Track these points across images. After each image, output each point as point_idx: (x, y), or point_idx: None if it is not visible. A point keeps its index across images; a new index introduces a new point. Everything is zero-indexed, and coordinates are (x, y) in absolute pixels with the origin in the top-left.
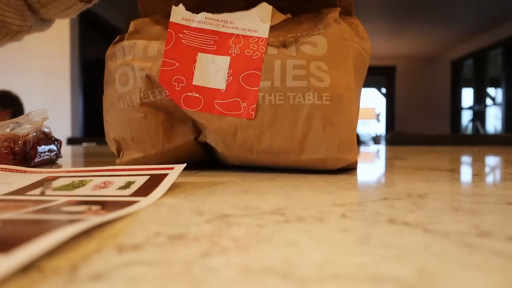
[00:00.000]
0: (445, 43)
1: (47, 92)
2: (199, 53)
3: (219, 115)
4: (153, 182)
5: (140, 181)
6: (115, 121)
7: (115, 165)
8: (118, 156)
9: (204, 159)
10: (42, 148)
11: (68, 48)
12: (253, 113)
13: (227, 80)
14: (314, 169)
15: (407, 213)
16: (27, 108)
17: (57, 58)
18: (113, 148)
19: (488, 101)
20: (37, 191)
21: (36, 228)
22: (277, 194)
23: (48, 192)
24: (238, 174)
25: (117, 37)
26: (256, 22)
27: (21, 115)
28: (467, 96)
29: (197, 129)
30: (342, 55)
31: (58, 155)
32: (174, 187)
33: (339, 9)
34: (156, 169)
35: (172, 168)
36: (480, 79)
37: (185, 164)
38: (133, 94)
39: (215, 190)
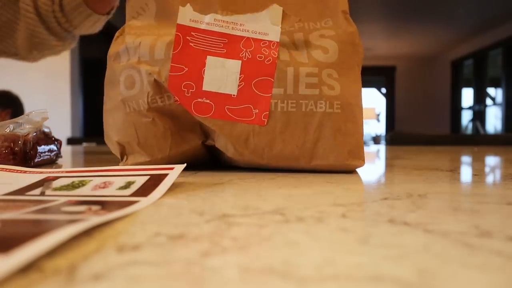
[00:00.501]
0: (445, 43)
1: (47, 92)
2: (208, 56)
3: (230, 121)
4: (153, 182)
5: (140, 181)
6: (120, 124)
7: None
8: (122, 159)
9: (207, 160)
10: (42, 148)
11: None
12: (265, 119)
13: (239, 85)
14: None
15: (407, 213)
16: (27, 108)
17: (57, 58)
18: (115, 151)
19: (488, 101)
20: (37, 191)
21: (36, 228)
22: (277, 194)
23: (48, 192)
24: (238, 174)
25: (117, 33)
26: (267, 25)
27: (21, 115)
28: (467, 96)
29: (205, 134)
30: (352, 61)
31: (58, 155)
32: (174, 187)
33: None
34: (156, 169)
35: (172, 168)
36: (480, 79)
37: (185, 164)
38: (140, 98)
39: (215, 190)
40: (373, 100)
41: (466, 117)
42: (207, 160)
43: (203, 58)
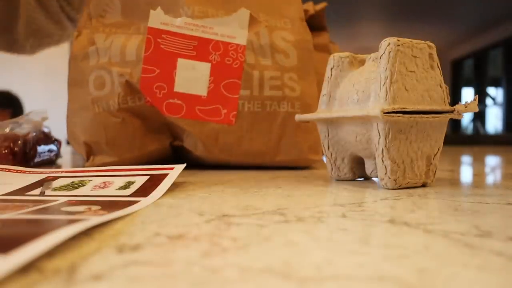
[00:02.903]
0: (445, 43)
1: (47, 92)
2: (179, 58)
3: (201, 121)
4: (153, 182)
5: (140, 181)
6: (88, 124)
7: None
8: (88, 159)
9: (172, 161)
10: (41, 148)
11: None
12: (234, 119)
13: (209, 87)
14: (286, 166)
15: (407, 213)
16: (27, 108)
17: (57, 58)
18: (81, 151)
19: (489, 101)
20: (37, 191)
21: (36, 228)
22: (277, 194)
23: (48, 192)
24: (238, 174)
25: (76, 33)
26: (235, 29)
27: (21, 115)
28: (467, 95)
29: (173, 135)
30: (308, 67)
31: (57, 155)
32: (174, 187)
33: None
34: (156, 169)
35: (172, 168)
36: (480, 79)
37: (185, 164)
38: (110, 99)
39: (215, 190)
40: None
41: (466, 117)
42: (171, 159)
43: (174, 60)
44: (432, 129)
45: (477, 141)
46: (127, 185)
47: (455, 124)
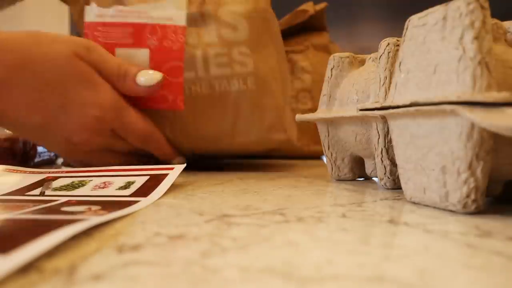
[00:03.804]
0: None
1: None
2: (116, 48)
3: (149, 110)
4: (153, 182)
5: (140, 181)
6: None
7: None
8: None
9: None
10: (42, 148)
11: None
12: (181, 103)
13: None
14: (250, 153)
15: (407, 213)
16: None
17: None
18: None
19: None
20: (37, 191)
21: (36, 228)
22: (277, 194)
23: (48, 192)
24: (238, 174)
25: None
26: (170, 10)
27: None
28: None
29: None
30: (265, 38)
31: (57, 155)
32: (174, 187)
33: None
34: (156, 169)
35: (172, 168)
36: None
37: (185, 164)
38: None
39: (215, 190)
40: None
41: None
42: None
43: (112, 51)
44: None
45: None
46: (127, 185)
47: None
